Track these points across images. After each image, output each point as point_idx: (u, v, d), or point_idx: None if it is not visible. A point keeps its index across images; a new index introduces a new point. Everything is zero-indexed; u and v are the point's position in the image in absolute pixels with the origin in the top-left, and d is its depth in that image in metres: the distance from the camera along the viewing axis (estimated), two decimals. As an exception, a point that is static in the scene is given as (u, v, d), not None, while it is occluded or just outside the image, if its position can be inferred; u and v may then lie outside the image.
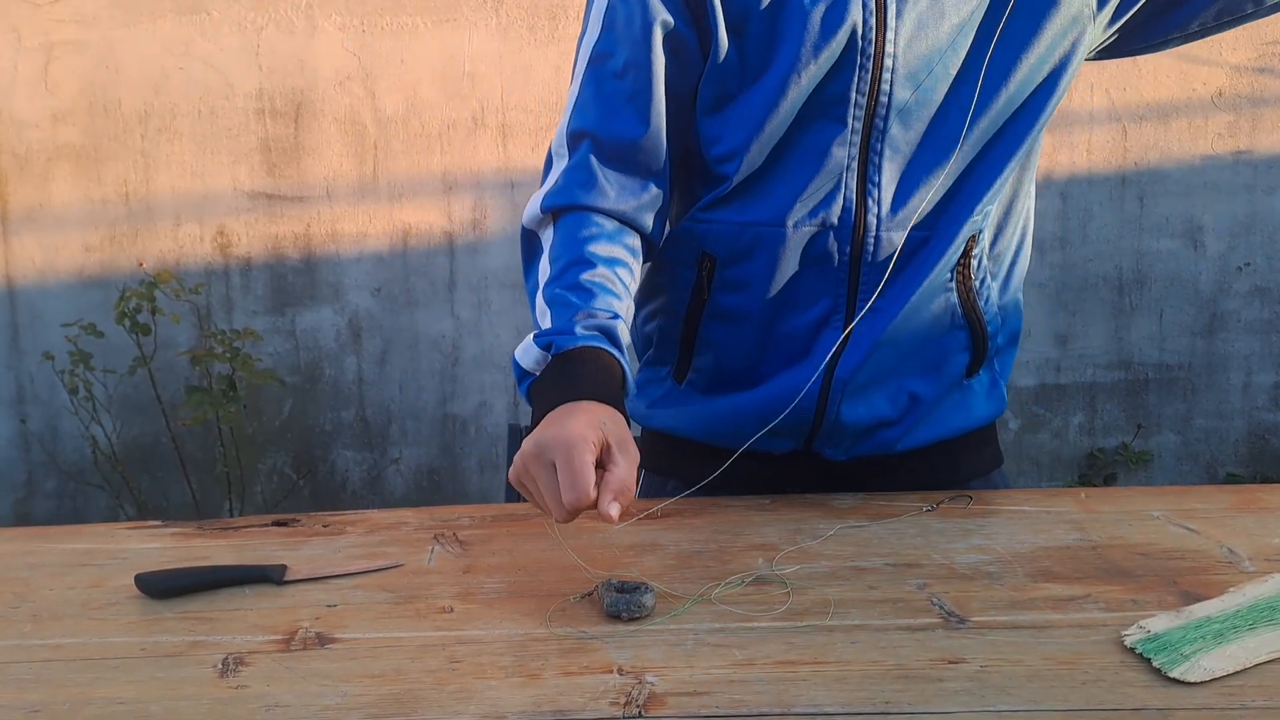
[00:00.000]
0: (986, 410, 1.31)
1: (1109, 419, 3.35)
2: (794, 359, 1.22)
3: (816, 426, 1.24)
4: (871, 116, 1.15)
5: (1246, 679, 0.82)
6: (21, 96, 3.16)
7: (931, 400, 1.26)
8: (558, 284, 1.13)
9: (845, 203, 1.17)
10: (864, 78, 1.14)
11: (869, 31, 1.12)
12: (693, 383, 1.29)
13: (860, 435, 1.25)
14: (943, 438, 1.28)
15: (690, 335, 1.26)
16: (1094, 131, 3.20)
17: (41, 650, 0.92)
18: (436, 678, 0.85)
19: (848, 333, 1.20)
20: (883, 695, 0.81)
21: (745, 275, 1.21)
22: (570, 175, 1.18)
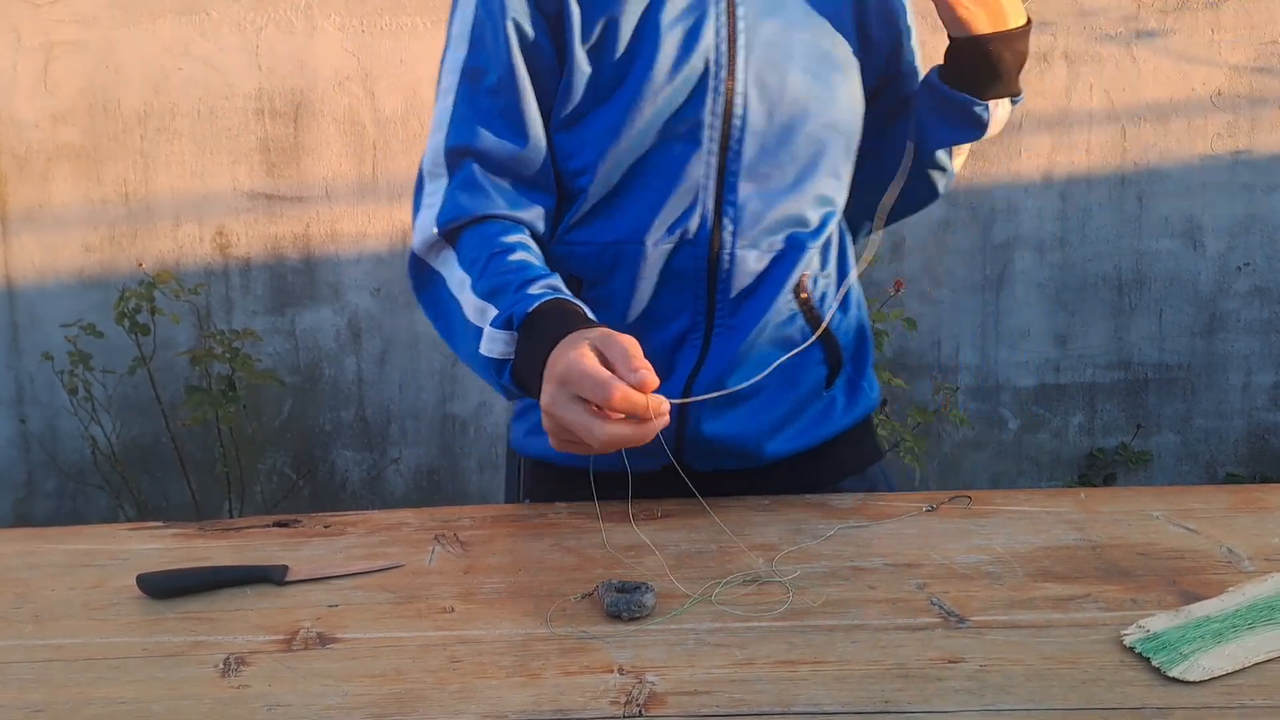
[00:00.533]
0: (851, 415, 1.34)
1: (1108, 419, 3.35)
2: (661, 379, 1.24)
3: (680, 441, 1.26)
4: (726, 138, 1.19)
5: (1246, 678, 0.82)
6: (21, 96, 3.16)
7: (792, 411, 1.29)
8: (485, 278, 1.13)
9: (702, 221, 1.21)
10: (718, 100, 1.18)
11: (720, 56, 1.17)
12: None
13: (724, 449, 1.26)
14: (809, 446, 1.30)
15: None
16: (1093, 131, 3.20)
17: (43, 650, 0.92)
18: (437, 677, 0.85)
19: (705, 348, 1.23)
20: (883, 694, 0.81)
21: (608, 294, 1.24)
22: (457, 192, 1.19)
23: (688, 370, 1.24)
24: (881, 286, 3.13)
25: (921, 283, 3.25)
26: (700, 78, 1.17)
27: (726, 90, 1.18)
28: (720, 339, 1.24)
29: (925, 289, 3.26)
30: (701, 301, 1.23)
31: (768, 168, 1.21)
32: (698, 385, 1.23)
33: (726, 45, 1.18)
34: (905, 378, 3.20)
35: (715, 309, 1.23)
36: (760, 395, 1.26)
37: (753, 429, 1.26)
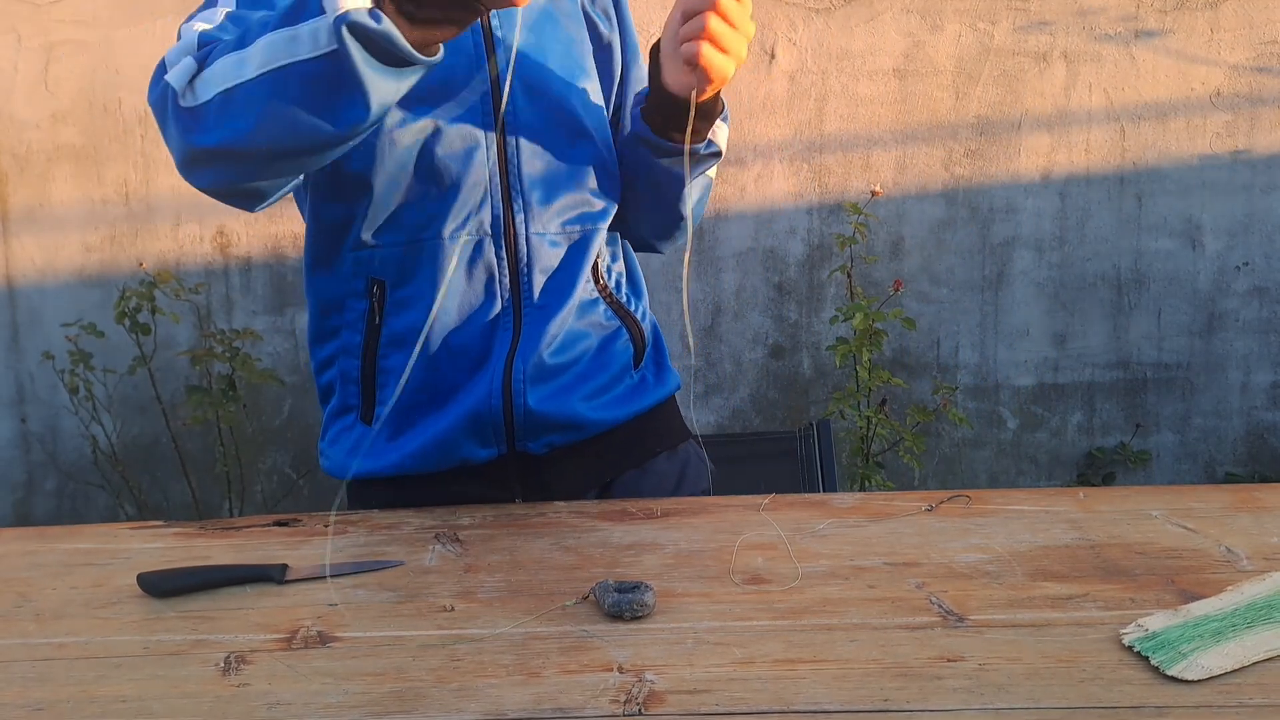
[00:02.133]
0: (660, 391, 1.41)
1: (1107, 418, 3.35)
2: (473, 367, 1.28)
3: (510, 424, 1.28)
4: (502, 132, 1.24)
5: (1244, 677, 0.82)
6: (21, 96, 3.16)
7: (606, 385, 1.35)
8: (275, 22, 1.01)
9: (494, 211, 1.26)
10: (486, 97, 1.24)
11: (481, 58, 1.23)
12: (381, 417, 1.29)
13: (552, 422, 1.29)
14: (627, 416, 1.36)
15: (370, 369, 1.28)
16: (1092, 131, 3.20)
17: (44, 649, 0.92)
18: (437, 676, 0.85)
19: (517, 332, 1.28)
20: (882, 693, 0.81)
21: (414, 293, 1.26)
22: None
23: (505, 351, 1.27)
24: (881, 286, 3.13)
25: (920, 282, 3.26)
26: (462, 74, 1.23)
27: (492, 87, 1.24)
28: (532, 321, 1.28)
29: (923, 288, 3.26)
30: (507, 290, 1.27)
31: (544, 161, 1.27)
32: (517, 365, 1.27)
33: (485, 44, 1.24)
34: (905, 377, 3.20)
35: (521, 293, 1.27)
36: (576, 369, 1.32)
37: (573, 400, 1.31)
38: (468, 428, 1.27)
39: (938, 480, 3.36)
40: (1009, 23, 3.14)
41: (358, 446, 1.30)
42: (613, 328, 1.36)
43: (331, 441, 1.34)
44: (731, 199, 3.20)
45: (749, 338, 3.29)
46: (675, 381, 1.44)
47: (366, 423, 1.30)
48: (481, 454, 1.29)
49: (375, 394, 1.29)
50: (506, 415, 1.28)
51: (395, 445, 1.29)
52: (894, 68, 3.15)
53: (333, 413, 1.34)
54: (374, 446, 1.29)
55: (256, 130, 1.02)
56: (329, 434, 1.35)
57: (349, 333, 1.29)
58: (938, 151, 3.20)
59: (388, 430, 1.29)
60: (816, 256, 3.24)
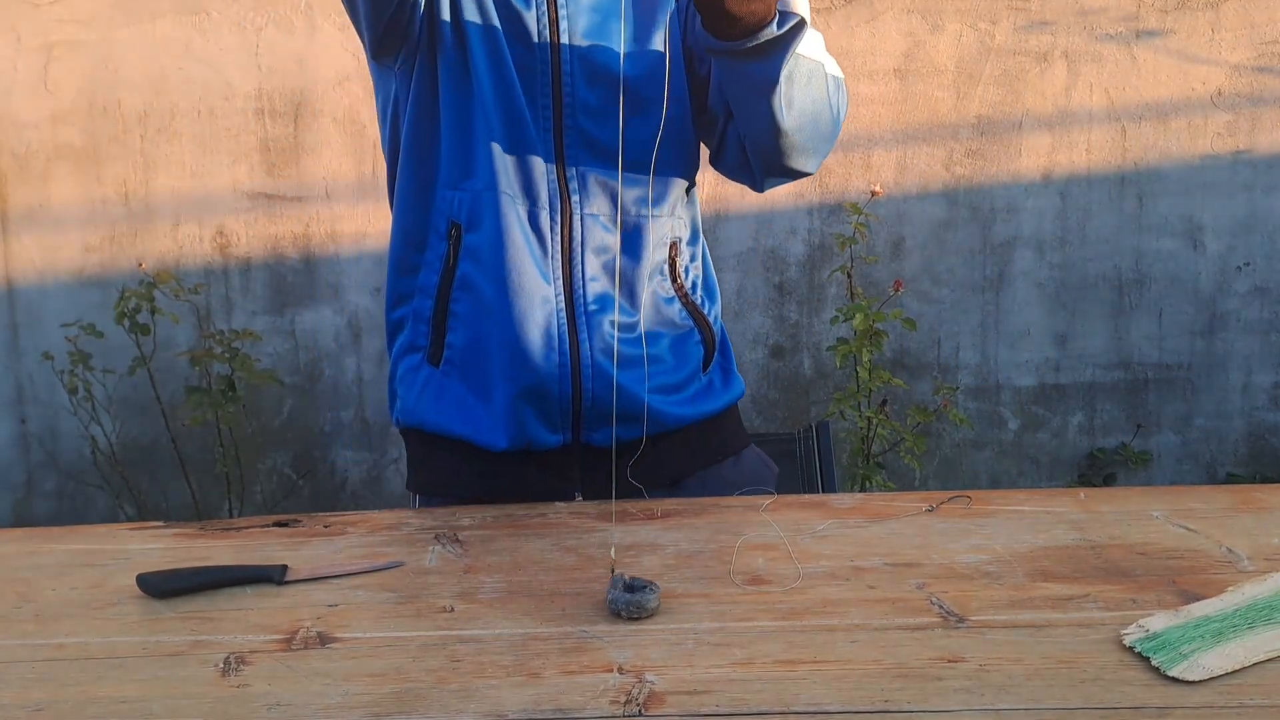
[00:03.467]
0: (727, 396, 1.42)
1: (1108, 419, 3.35)
2: (532, 338, 1.28)
3: (578, 412, 1.30)
4: (560, 115, 1.27)
5: (1245, 678, 0.82)
6: (21, 96, 3.16)
7: (680, 383, 1.36)
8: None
9: (550, 189, 1.28)
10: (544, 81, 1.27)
11: (544, 30, 1.26)
12: (450, 361, 1.32)
13: (621, 418, 1.29)
14: (696, 417, 1.37)
15: (441, 311, 1.31)
16: (1093, 131, 3.20)
17: (44, 650, 0.92)
18: (437, 676, 0.85)
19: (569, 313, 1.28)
20: (882, 694, 0.81)
21: (481, 242, 1.29)
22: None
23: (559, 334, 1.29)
24: (882, 287, 3.13)
25: (921, 282, 3.26)
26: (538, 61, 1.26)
27: (554, 71, 1.27)
28: (595, 307, 1.29)
29: (924, 287, 3.26)
30: (558, 266, 1.29)
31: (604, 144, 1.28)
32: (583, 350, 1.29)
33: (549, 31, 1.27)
34: (905, 378, 3.20)
35: (572, 276, 1.29)
36: (655, 362, 1.33)
37: (642, 391, 1.31)
38: (535, 403, 1.28)
39: (938, 481, 3.36)
40: (1010, 22, 3.14)
41: (426, 389, 1.34)
42: (686, 328, 1.37)
43: (401, 380, 1.37)
44: (732, 199, 3.20)
45: (749, 338, 3.28)
46: (740, 388, 1.45)
47: (433, 364, 1.33)
48: (548, 439, 1.30)
49: (445, 336, 1.32)
50: (574, 397, 1.29)
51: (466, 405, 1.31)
52: (894, 68, 3.15)
53: (401, 349, 1.37)
54: (442, 397, 1.33)
55: None
56: (398, 372, 1.38)
57: (427, 272, 1.32)
58: (938, 151, 3.20)
59: (451, 382, 1.32)
60: (817, 257, 3.24)
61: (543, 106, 1.28)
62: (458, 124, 1.29)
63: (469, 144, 1.28)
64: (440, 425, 1.33)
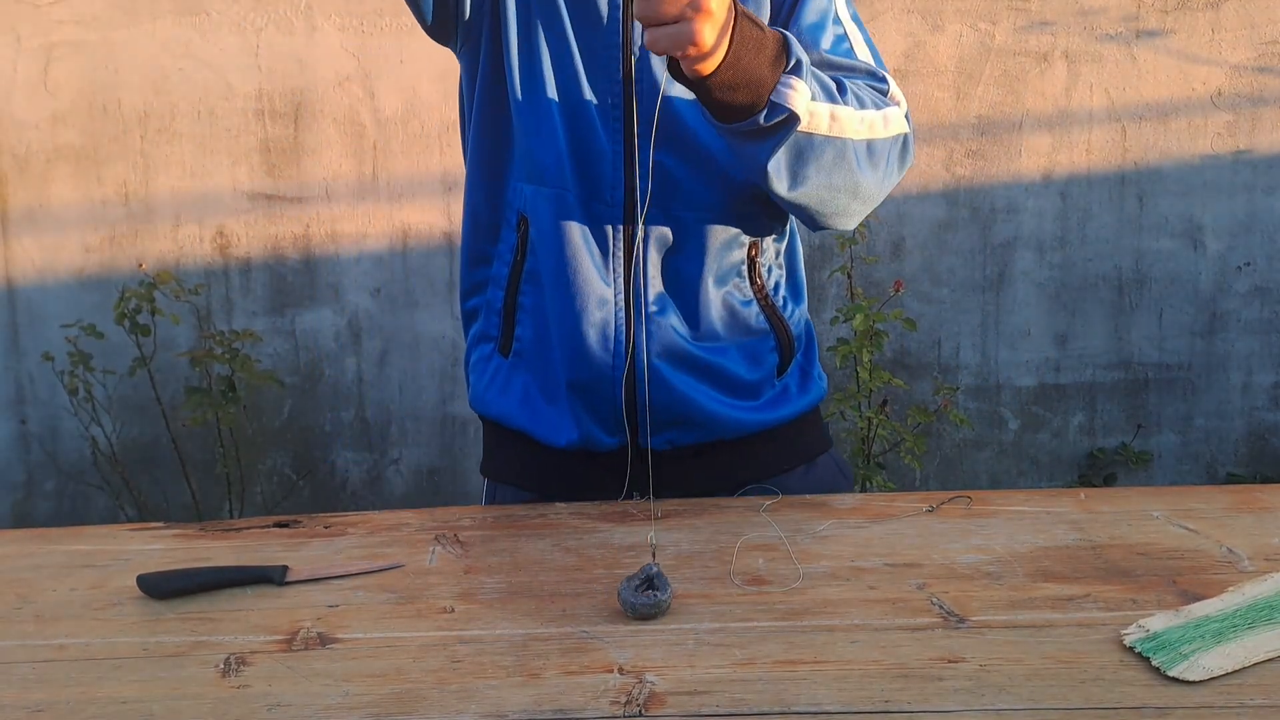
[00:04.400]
0: (804, 400, 1.37)
1: (1109, 419, 3.35)
2: (589, 336, 1.26)
3: (632, 415, 1.27)
4: (633, 102, 1.22)
5: (1245, 678, 0.82)
6: (21, 97, 3.16)
7: (748, 389, 1.31)
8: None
9: (612, 184, 1.24)
10: (614, 68, 1.22)
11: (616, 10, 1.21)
12: (519, 354, 1.32)
13: (678, 423, 1.28)
14: (762, 426, 1.32)
15: (511, 303, 1.31)
16: (1093, 131, 3.20)
17: (45, 650, 0.92)
18: (438, 677, 0.85)
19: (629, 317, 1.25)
20: (883, 694, 0.81)
21: (541, 237, 1.26)
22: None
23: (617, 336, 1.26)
24: (882, 287, 3.13)
25: (921, 283, 3.26)
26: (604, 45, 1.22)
27: (624, 58, 1.22)
28: (658, 311, 1.26)
29: (925, 287, 3.26)
30: (619, 265, 1.25)
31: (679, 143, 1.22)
32: (639, 354, 1.25)
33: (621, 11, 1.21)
34: (905, 378, 3.20)
35: (632, 276, 1.25)
36: (713, 367, 1.28)
37: (702, 396, 1.28)
38: (591, 402, 1.27)
39: (939, 481, 3.36)
40: (1010, 23, 3.14)
41: (495, 378, 1.34)
42: (761, 332, 1.32)
43: (474, 368, 1.38)
44: (732, 199, 3.20)
45: (749, 338, 3.28)
46: (820, 391, 1.40)
47: (504, 355, 1.33)
48: (606, 440, 1.29)
49: (514, 329, 1.31)
50: (628, 399, 1.27)
51: (530, 397, 1.30)
52: (895, 68, 3.15)
53: (475, 338, 1.37)
54: (509, 388, 1.32)
55: None
56: (472, 359, 1.38)
57: (499, 264, 1.32)
58: (939, 151, 3.20)
59: (523, 376, 1.31)
60: (817, 257, 3.24)
61: (612, 94, 1.23)
62: (524, 114, 1.25)
63: (535, 135, 1.25)
64: (505, 416, 1.33)
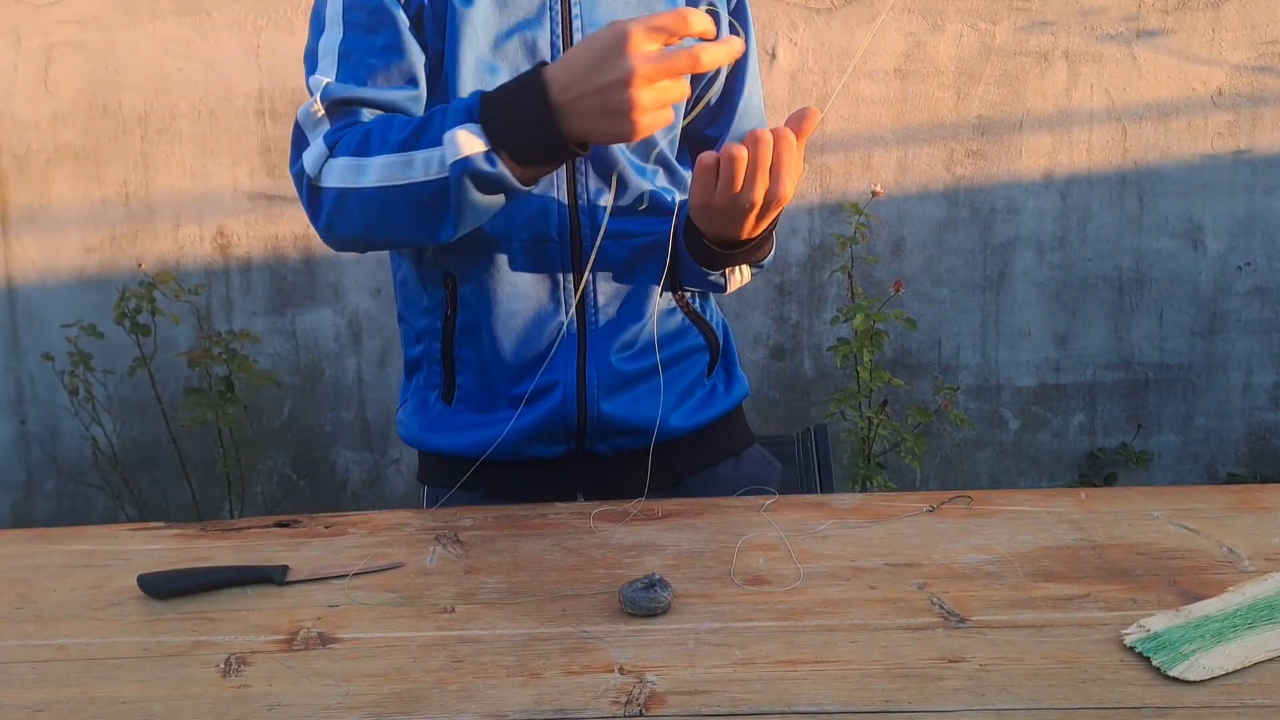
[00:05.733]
0: (730, 399, 1.42)
1: (1109, 419, 3.35)
2: (541, 368, 1.29)
3: (583, 426, 1.31)
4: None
5: (1246, 678, 0.82)
6: (21, 97, 3.16)
7: (683, 394, 1.36)
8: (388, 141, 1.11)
9: (560, 216, 1.26)
10: None
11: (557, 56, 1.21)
12: (462, 400, 1.34)
13: (624, 428, 1.31)
14: (698, 425, 1.37)
15: (449, 354, 1.32)
16: (1093, 131, 3.20)
17: (45, 650, 0.92)
18: (438, 677, 0.85)
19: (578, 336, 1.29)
20: (883, 694, 0.81)
21: (478, 289, 1.28)
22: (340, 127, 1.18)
23: (573, 355, 1.29)
24: (882, 287, 3.13)
25: (922, 283, 3.26)
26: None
27: None
28: (603, 326, 1.30)
29: (925, 287, 3.26)
30: (570, 294, 1.28)
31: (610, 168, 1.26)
32: (590, 370, 1.29)
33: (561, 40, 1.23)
34: (905, 378, 3.20)
35: (586, 300, 1.29)
36: (653, 378, 1.32)
37: (649, 408, 1.32)
38: (540, 431, 1.30)
39: (939, 481, 3.36)
40: (1010, 23, 3.14)
41: (435, 423, 1.35)
42: (689, 335, 1.37)
43: (411, 413, 1.39)
44: (732, 199, 3.20)
45: (750, 338, 3.28)
46: (744, 388, 1.45)
47: (446, 403, 1.35)
48: (549, 452, 1.32)
49: (455, 379, 1.33)
50: (580, 419, 1.30)
51: (469, 431, 1.32)
52: (895, 68, 3.15)
53: (416, 386, 1.38)
54: (450, 425, 1.34)
55: (363, 230, 1.16)
56: (408, 405, 1.40)
57: (431, 317, 1.33)
58: (939, 152, 3.20)
59: (464, 414, 1.33)
60: (817, 257, 3.24)
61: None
62: None
63: None
64: (446, 447, 1.35)
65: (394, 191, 1.10)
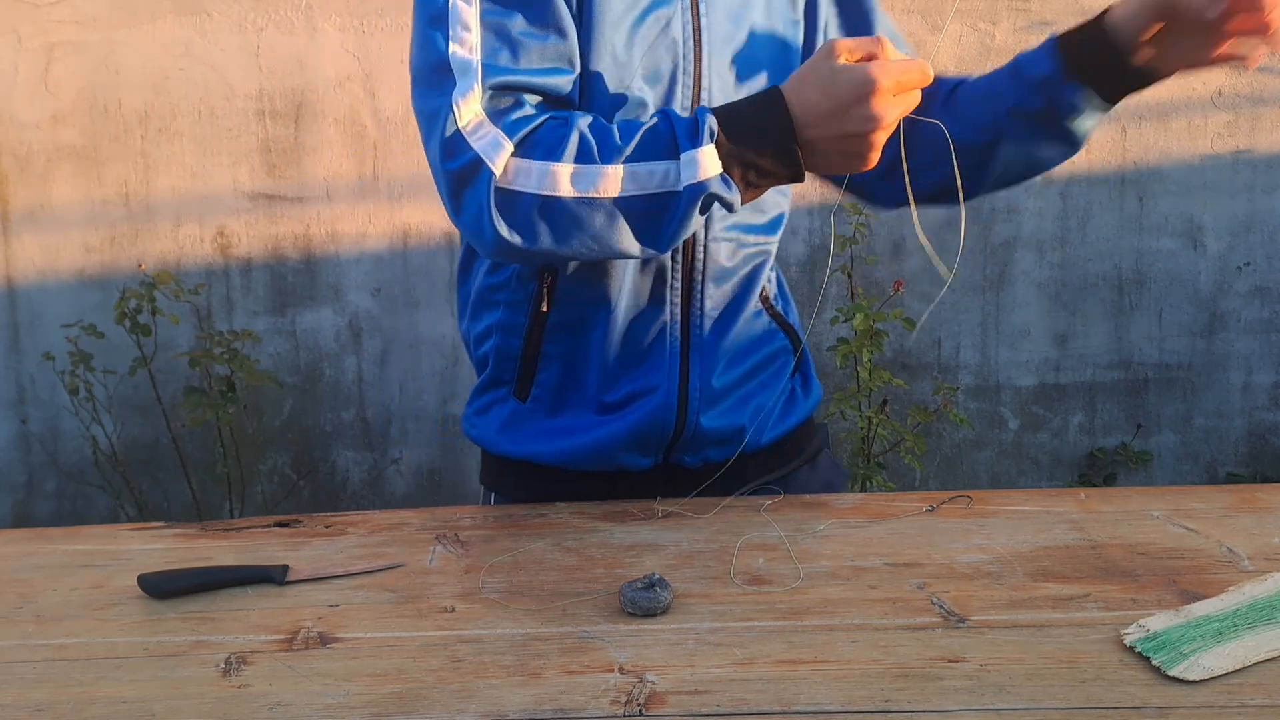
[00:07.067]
0: (809, 404, 1.39)
1: (1109, 419, 3.35)
2: (639, 373, 1.24)
3: (676, 438, 1.26)
4: None
5: (1246, 677, 0.82)
6: (21, 97, 3.16)
7: (772, 402, 1.32)
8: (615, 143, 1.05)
9: None
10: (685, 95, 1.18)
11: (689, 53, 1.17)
12: (538, 399, 1.27)
13: (716, 442, 1.27)
14: (783, 434, 1.34)
15: (533, 350, 1.25)
16: (1093, 131, 3.20)
17: (45, 650, 0.92)
18: (438, 677, 0.85)
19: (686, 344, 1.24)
20: (883, 694, 0.81)
21: (584, 285, 1.21)
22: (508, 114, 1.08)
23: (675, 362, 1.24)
24: (882, 286, 3.13)
25: (922, 283, 3.26)
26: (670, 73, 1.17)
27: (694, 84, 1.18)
28: (706, 333, 1.24)
29: (926, 288, 3.26)
30: (678, 294, 1.23)
31: None
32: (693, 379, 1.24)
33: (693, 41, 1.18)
34: (905, 378, 3.20)
35: (690, 303, 1.23)
36: (747, 387, 1.29)
37: (742, 419, 1.28)
38: (633, 440, 1.24)
39: (939, 481, 3.36)
40: (1010, 23, 3.14)
41: (510, 423, 1.28)
42: (775, 338, 1.32)
43: (480, 412, 1.31)
44: (732, 199, 3.20)
45: (750, 338, 3.29)
46: (819, 392, 1.41)
47: (520, 400, 1.27)
48: (640, 463, 1.26)
49: (535, 376, 1.26)
50: (677, 429, 1.25)
51: (553, 436, 1.26)
52: (895, 68, 3.15)
53: (485, 384, 1.31)
54: (528, 430, 1.27)
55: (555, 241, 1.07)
56: (478, 403, 1.32)
57: (511, 311, 1.25)
58: (938, 152, 3.20)
59: (544, 416, 1.27)
60: (818, 257, 3.24)
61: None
62: None
63: None
64: (523, 453, 1.28)
65: (613, 204, 1.05)
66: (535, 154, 1.05)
